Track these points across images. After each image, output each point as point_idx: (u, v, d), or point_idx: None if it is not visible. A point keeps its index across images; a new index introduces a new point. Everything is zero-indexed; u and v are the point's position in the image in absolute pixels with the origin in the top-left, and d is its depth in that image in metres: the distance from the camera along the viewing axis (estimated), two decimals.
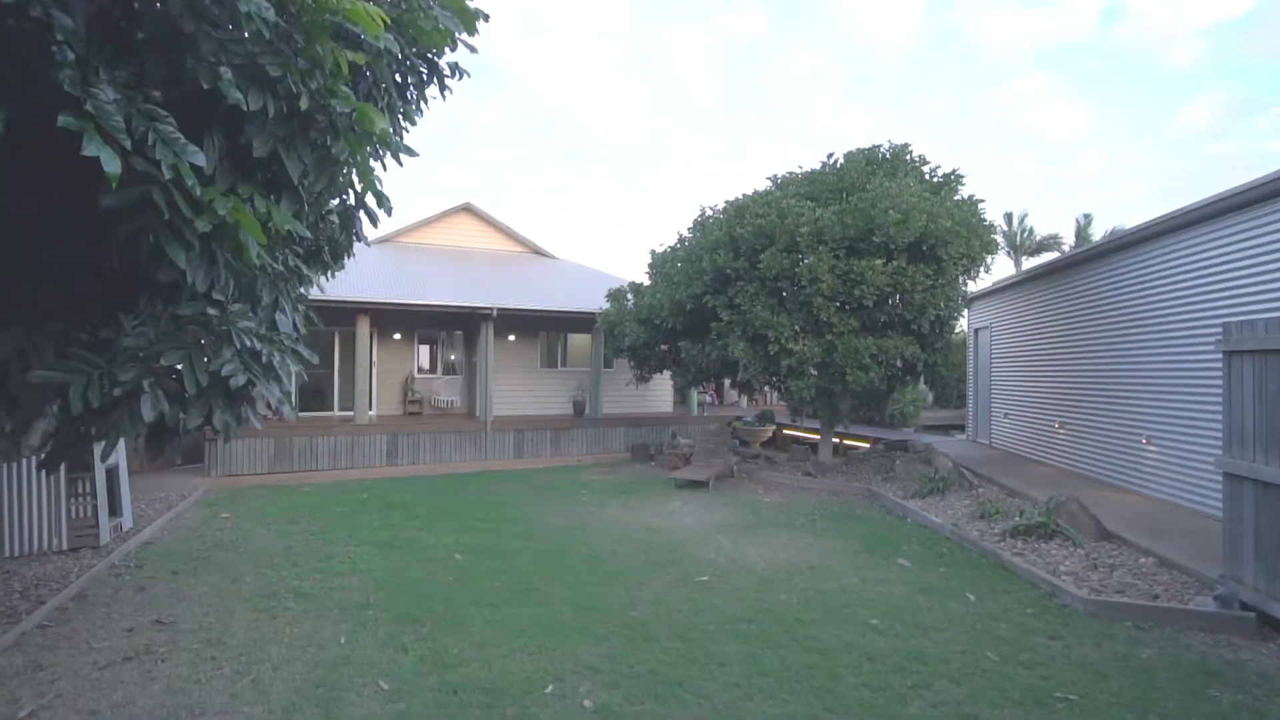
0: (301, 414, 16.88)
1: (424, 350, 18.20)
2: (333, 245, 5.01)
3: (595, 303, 15.73)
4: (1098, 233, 24.68)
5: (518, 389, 18.03)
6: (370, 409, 17.40)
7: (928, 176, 11.30)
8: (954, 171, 11.16)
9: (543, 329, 18.26)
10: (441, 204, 18.70)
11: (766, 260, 10.95)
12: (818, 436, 16.61)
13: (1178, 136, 57.61)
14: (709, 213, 13.36)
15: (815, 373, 10.91)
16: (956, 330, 11.90)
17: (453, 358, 18.57)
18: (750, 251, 11.40)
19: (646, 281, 14.71)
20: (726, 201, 12.64)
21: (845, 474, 12.60)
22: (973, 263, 10.70)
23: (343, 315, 15.21)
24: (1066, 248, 24.48)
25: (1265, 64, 55.71)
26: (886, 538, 8.47)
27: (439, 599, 6.28)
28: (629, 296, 14.97)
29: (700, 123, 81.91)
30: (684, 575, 7.02)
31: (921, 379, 12.27)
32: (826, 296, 10.60)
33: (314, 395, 17.18)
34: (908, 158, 11.39)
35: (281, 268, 3.94)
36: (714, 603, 6.19)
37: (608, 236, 76.54)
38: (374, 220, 4.92)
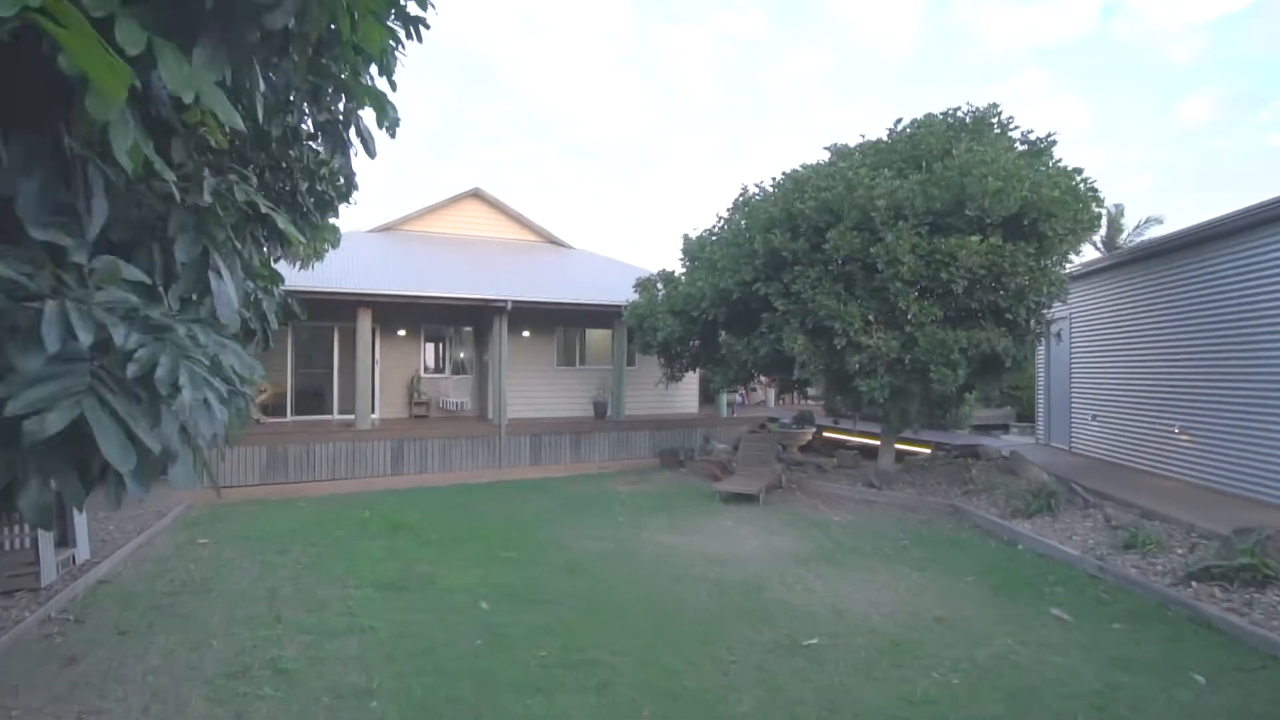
0: (298, 418, 15.13)
1: (431, 348, 16.44)
2: (316, 181, 3.25)
3: (617, 295, 13.99)
4: (1131, 222, 22.94)
5: (533, 389, 16.27)
6: (373, 412, 15.67)
7: (1018, 143, 9.55)
8: (1049, 135, 9.42)
9: (559, 324, 16.51)
10: (447, 191, 16.66)
11: (834, 240, 9.22)
12: (862, 439, 14.91)
13: (1177, 132, 56.08)
14: (752, 191, 11.60)
15: (887, 371, 9.17)
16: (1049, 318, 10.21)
17: (462, 356, 16.81)
18: (812, 231, 9.66)
19: (679, 270, 12.95)
20: (779, 176, 10.86)
21: (913, 485, 10.87)
22: (1078, 239, 8.97)
23: (342, 309, 13.45)
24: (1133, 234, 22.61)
25: (1264, 57, 54.18)
26: (1011, 573, 6.76)
27: (466, 679, 4.54)
28: (659, 287, 13.22)
29: (700, 122, 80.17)
30: (783, 635, 5.29)
31: (1003, 378, 10.58)
32: (907, 281, 8.87)
33: (312, 397, 15.42)
34: (994, 120, 9.65)
35: (211, 199, 2.17)
36: (843, 684, 4.46)
37: (610, 234, 74.81)
38: (370, 149, 3.17)
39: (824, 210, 9.52)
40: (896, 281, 8.91)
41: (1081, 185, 8.89)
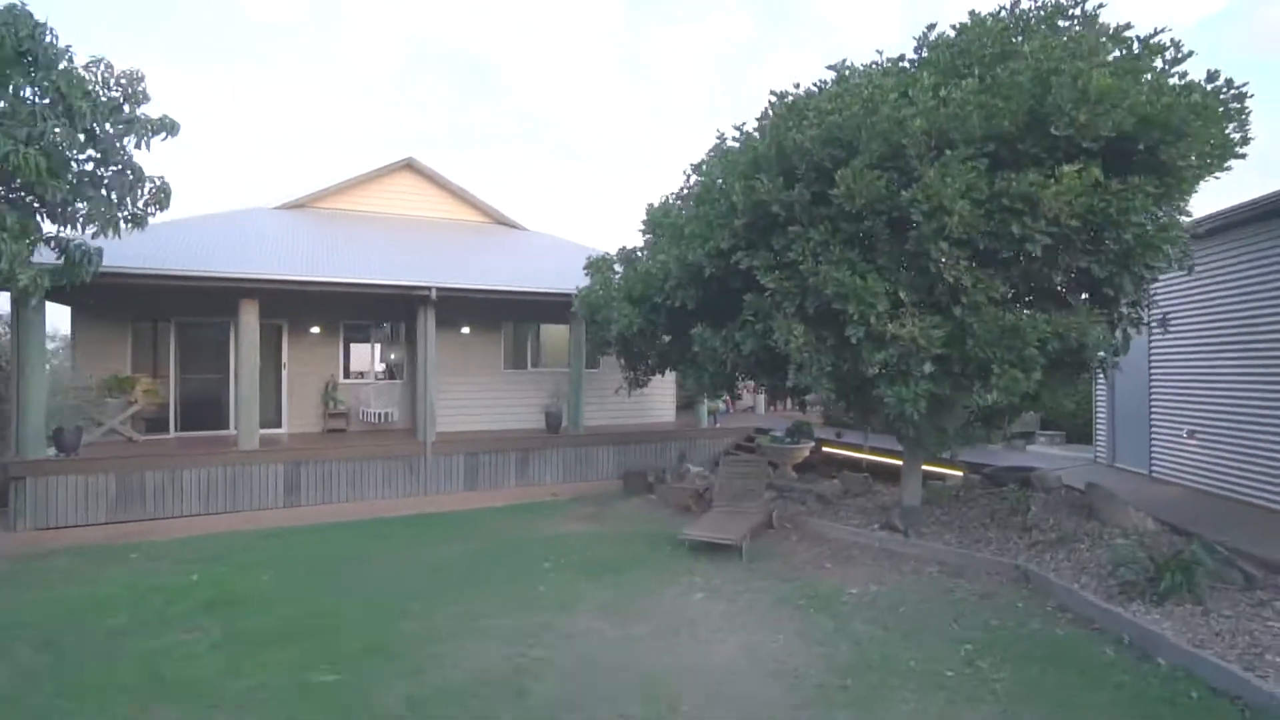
0: (185, 434, 11.97)
1: (357, 349, 13.28)
2: None
3: (576, 282, 10.87)
4: None
5: (474, 397, 13.12)
6: (280, 425, 12.51)
7: (1108, 41, 6.36)
8: (1157, 31, 6.25)
9: (507, 318, 13.38)
10: (376, 161, 13.52)
11: (846, 183, 6.11)
12: (875, 456, 11.79)
13: None
14: (731, 137, 8.41)
15: (926, 374, 6.04)
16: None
17: (393, 357, 13.65)
18: (814, 174, 6.56)
19: (641, 247, 9.82)
20: (767, 105, 7.61)
21: (951, 529, 7.75)
22: (1212, 173, 5.87)
23: (229, 300, 10.29)
24: None
25: (1243, 56, 51.62)
26: None
27: None
28: (616, 268, 10.09)
29: (690, 121, 77.08)
30: None
31: (1097, 377, 7.38)
32: (956, 240, 5.76)
33: (203, 409, 12.23)
34: (1074, 12, 6.49)
35: None
36: None
37: (599, 231, 71.75)
38: None
39: (831, 142, 6.40)
40: (941, 241, 5.78)
41: (1212, 97, 5.75)
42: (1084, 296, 6.54)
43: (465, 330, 13.12)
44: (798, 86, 7.06)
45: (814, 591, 6.24)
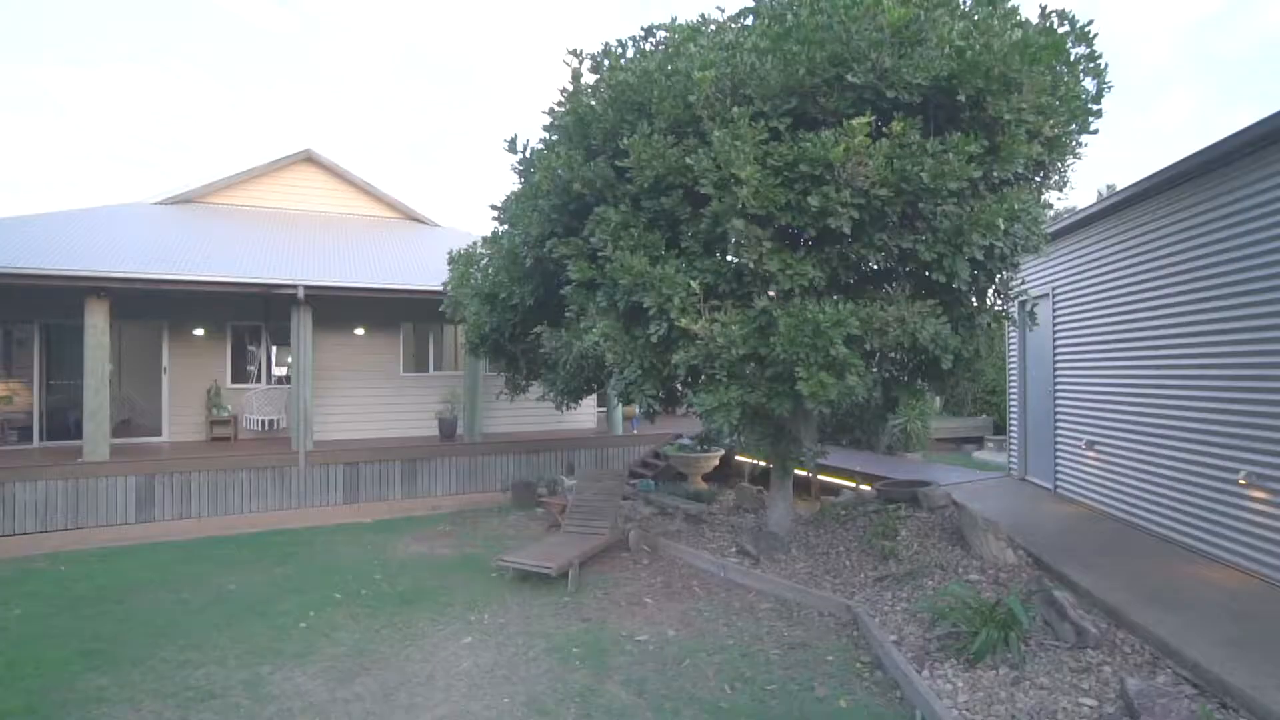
0: (50, 443, 11.17)
1: (248, 352, 12.43)
2: None
3: None
4: None
5: (369, 402, 12.23)
6: (161, 434, 11.69)
7: None
8: None
9: (407, 319, 12.46)
10: (274, 152, 12.65)
11: (636, 151, 5.10)
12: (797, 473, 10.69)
13: (1150, 133, 52.16)
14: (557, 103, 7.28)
15: (732, 378, 4.99)
16: (1015, 288, 5.99)
17: (290, 361, 12.76)
18: (608, 143, 5.54)
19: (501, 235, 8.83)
20: (569, 65, 6.43)
21: (813, 556, 6.67)
22: (1058, 134, 4.76)
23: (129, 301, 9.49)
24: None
25: (1237, 60, 49.82)
26: None
27: None
28: (484, 255, 9.11)
29: None
30: None
31: (947, 385, 6.21)
32: (752, 216, 4.72)
33: (65, 415, 11.42)
34: None
35: None
36: None
37: None
38: None
39: (623, 103, 5.38)
40: (735, 218, 4.75)
41: (1058, 39, 4.64)
42: (943, 282, 5.44)
43: (359, 331, 12.22)
44: (606, 46, 6.02)
45: (601, 637, 5.21)
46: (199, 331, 11.78)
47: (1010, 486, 8.24)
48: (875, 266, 5.00)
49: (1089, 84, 4.74)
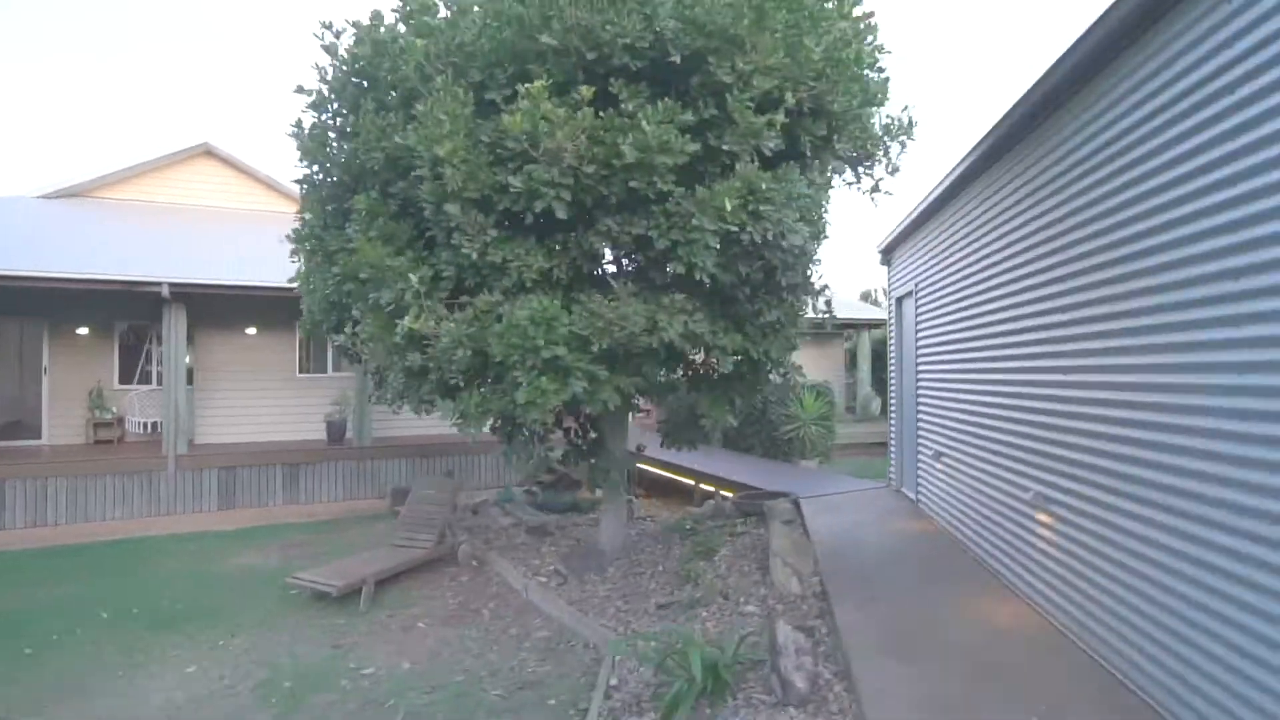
0: None
1: (141, 353, 12.01)
2: None
3: None
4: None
5: (258, 404, 11.76)
6: (40, 436, 11.30)
7: None
8: None
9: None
10: (171, 145, 12.21)
11: (363, 130, 4.55)
12: (668, 474, 10.09)
13: None
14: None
15: (470, 382, 4.43)
16: (822, 297, 5.29)
17: (187, 360, 12.33)
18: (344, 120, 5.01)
19: None
20: (320, 40, 5.71)
21: (625, 577, 6.07)
22: (835, 107, 4.14)
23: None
24: None
25: None
26: None
27: None
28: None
29: None
30: None
31: (734, 401, 5.45)
32: (471, 200, 4.15)
33: None
34: None
35: None
36: None
37: None
38: None
39: (362, 78, 4.82)
40: (449, 202, 4.18)
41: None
42: (728, 282, 4.81)
43: (251, 331, 11.76)
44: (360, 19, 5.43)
45: (330, 669, 4.67)
46: (83, 330, 11.39)
47: (881, 499, 7.58)
48: (602, 255, 4.38)
49: (860, 49, 4.10)
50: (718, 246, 3.95)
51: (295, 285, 7.63)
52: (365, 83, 4.78)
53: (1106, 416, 3.41)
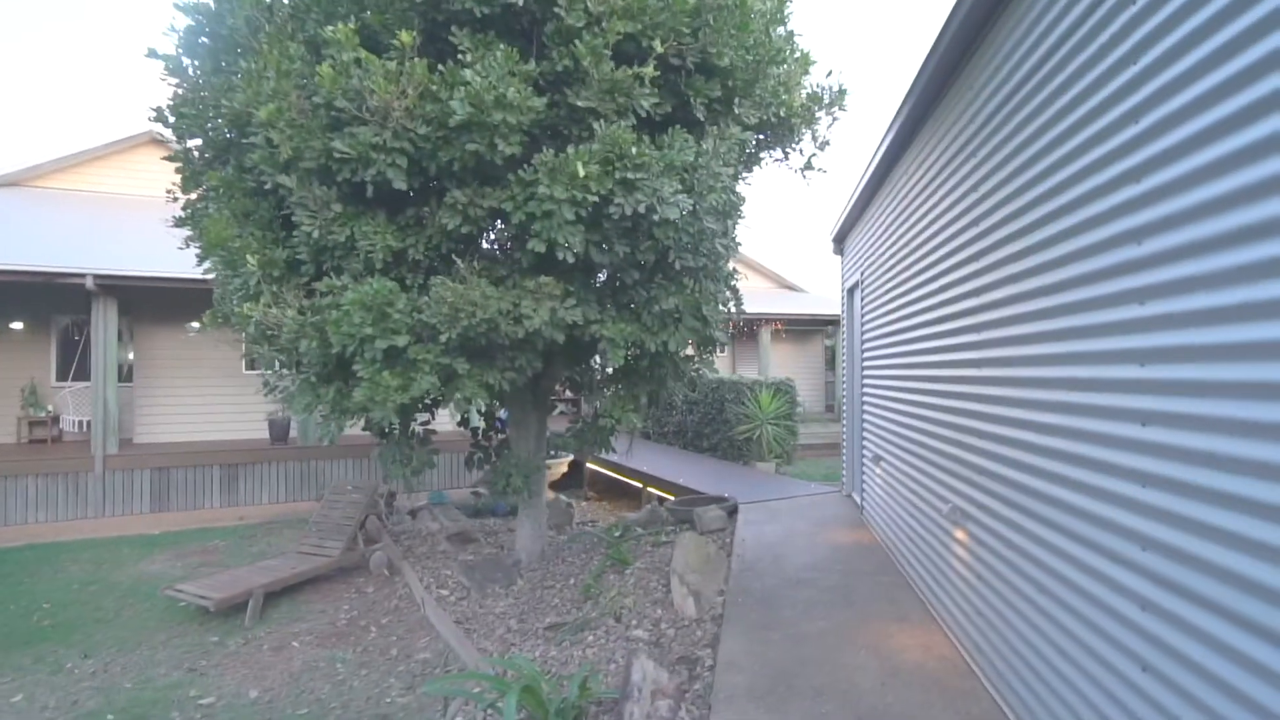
0: None
1: (79, 348, 11.55)
2: None
3: None
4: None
5: (201, 402, 11.27)
6: None
7: None
8: None
9: None
10: (115, 132, 11.72)
11: (204, 92, 4.02)
12: (618, 476, 9.55)
13: None
14: None
15: (313, 377, 3.92)
16: (725, 286, 4.67)
17: (130, 357, 11.89)
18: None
19: None
20: None
21: (533, 590, 5.53)
22: (729, 64, 3.59)
23: None
24: None
25: None
26: None
27: None
28: None
29: None
30: None
31: (639, 400, 4.86)
32: (307, 168, 3.62)
33: None
34: None
35: None
36: None
37: None
38: None
39: (204, 29, 4.29)
40: (283, 173, 3.66)
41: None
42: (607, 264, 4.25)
43: (194, 326, 11.26)
44: None
45: (166, 698, 4.16)
46: (17, 325, 10.93)
47: (827, 505, 7.02)
48: (457, 230, 3.82)
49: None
50: (576, 219, 3.40)
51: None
52: (211, 41, 4.25)
53: (1012, 418, 2.85)
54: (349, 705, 4.02)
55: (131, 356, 11.29)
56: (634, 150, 3.41)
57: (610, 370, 5.22)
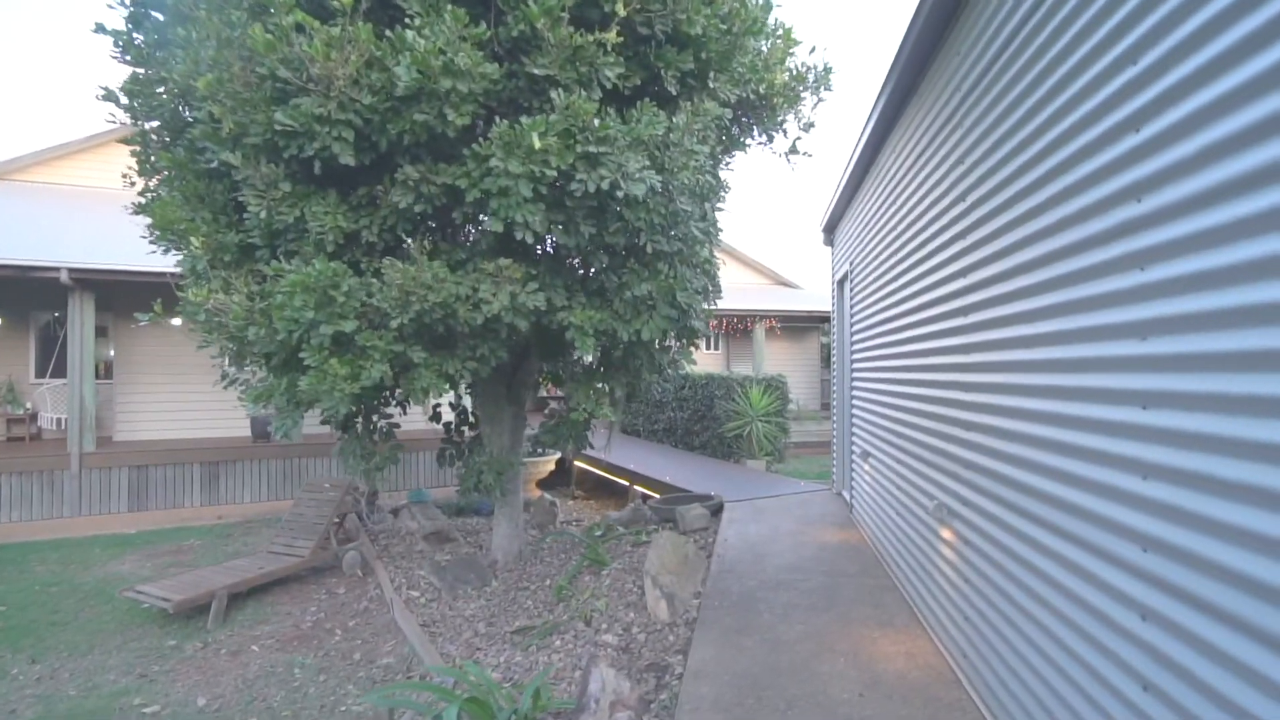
0: None
1: (69, 345, 11.30)
2: None
3: None
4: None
5: (183, 400, 11.03)
6: None
7: None
8: None
9: None
10: (96, 125, 11.47)
11: (146, 64, 3.78)
12: (619, 481, 9.31)
13: None
14: None
15: (263, 365, 3.69)
16: (700, 271, 4.40)
17: (112, 353, 11.65)
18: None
19: None
20: None
21: (508, 591, 5.29)
22: (700, 31, 3.35)
23: None
24: None
25: None
26: None
27: None
28: None
29: None
30: None
31: (613, 392, 4.62)
32: (252, 144, 3.37)
33: None
34: None
35: None
36: None
37: None
38: None
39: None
40: (224, 150, 3.41)
41: None
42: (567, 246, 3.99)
43: (176, 322, 10.99)
44: None
45: (108, 706, 3.92)
46: None
47: (816, 503, 6.77)
48: (397, 206, 3.55)
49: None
50: (535, 197, 3.15)
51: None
52: (159, 12, 4.01)
53: (999, 406, 2.60)
54: (299, 714, 3.78)
55: (112, 353, 11.05)
56: (596, 122, 3.16)
57: (588, 362, 4.97)
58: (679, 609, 4.01)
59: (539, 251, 3.77)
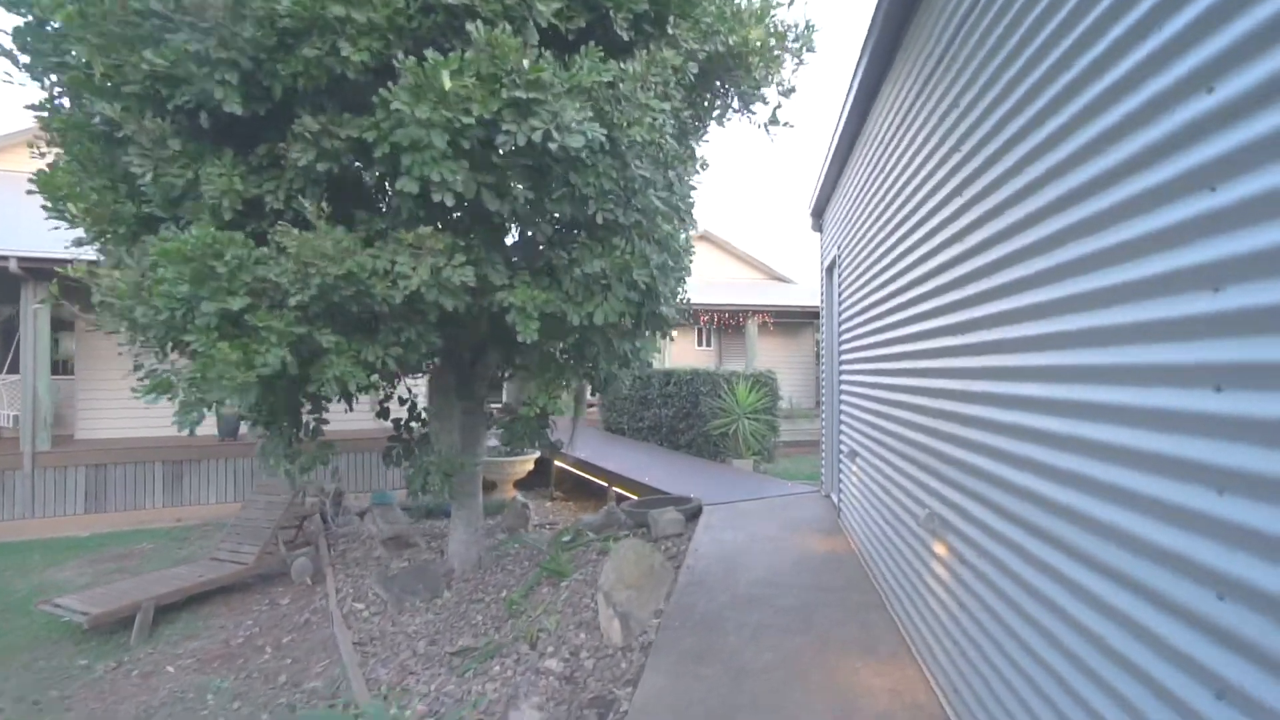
0: None
1: (21, 339, 10.81)
2: None
3: None
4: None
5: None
6: None
7: None
8: None
9: None
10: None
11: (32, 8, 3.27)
12: (597, 481, 8.80)
13: None
14: None
15: (157, 350, 3.20)
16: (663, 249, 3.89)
17: (73, 348, 11.15)
18: None
19: None
20: None
21: (461, 603, 4.80)
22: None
23: None
24: None
25: None
26: None
27: None
28: None
29: None
30: None
31: (570, 384, 4.16)
32: (132, 92, 2.88)
33: None
34: None
35: None
36: None
37: None
38: None
39: None
40: (99, 100, 2.92)
41: None
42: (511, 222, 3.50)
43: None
44: None
45: None
46: None
47: (803, 506, 6.27)
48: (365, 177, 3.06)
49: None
50: (450, 151, 2.65)
51: None
52: None
53: (1005, 396, 2.11)
54: None
55: (74, 347, 10.56)
56: (526, 63, 2.67)
57: (550, 352, 4.47)
58: (634, 630, 3.50)
59: (470, 221, 3.26)
